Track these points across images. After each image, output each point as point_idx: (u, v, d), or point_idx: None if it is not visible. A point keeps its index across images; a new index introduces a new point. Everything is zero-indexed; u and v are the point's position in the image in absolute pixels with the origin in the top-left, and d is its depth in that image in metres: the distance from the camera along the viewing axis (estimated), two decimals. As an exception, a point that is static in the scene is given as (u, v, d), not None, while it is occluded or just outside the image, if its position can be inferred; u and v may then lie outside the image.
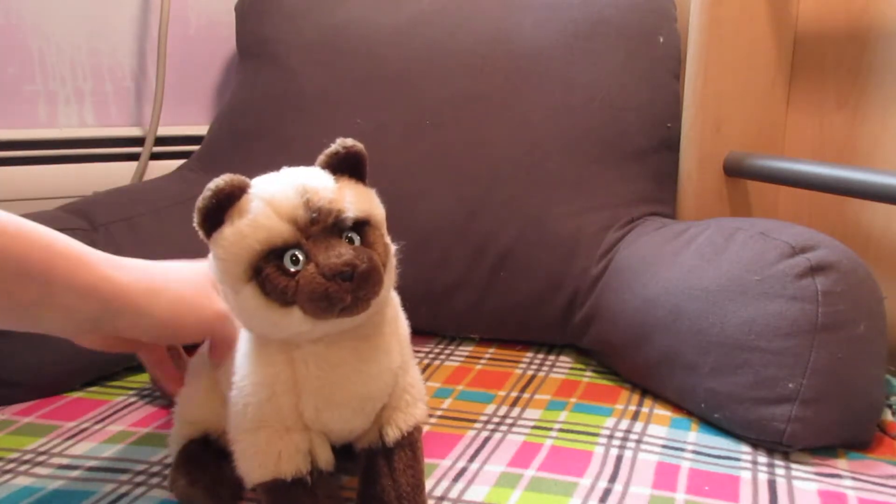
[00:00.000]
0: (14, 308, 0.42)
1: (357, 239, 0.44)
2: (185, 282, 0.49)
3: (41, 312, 0.43)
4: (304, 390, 0.46)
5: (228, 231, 0.43)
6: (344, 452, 0.51)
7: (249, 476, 0.47)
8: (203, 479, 0.51)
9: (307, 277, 0.41)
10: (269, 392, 0.46)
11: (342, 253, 0.41)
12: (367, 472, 0.49)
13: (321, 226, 0.42)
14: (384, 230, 0.46)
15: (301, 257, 0.42)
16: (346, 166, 0.46)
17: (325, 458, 0.48)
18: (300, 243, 0.42)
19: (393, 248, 0.47)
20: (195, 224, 0.45)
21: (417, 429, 0.51)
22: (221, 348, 0.51)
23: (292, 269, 0.42)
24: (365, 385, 0.47)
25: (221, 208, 0.43)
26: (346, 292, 0.41)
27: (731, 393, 0.61)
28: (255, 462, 0.46)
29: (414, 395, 0.51)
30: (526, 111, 0.84)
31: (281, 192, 0.43)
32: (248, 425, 0.47)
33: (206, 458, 0.53)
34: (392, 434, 0.49)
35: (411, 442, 0.50)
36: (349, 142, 0.45)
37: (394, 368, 0.48)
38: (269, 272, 0.42)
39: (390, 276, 0.46)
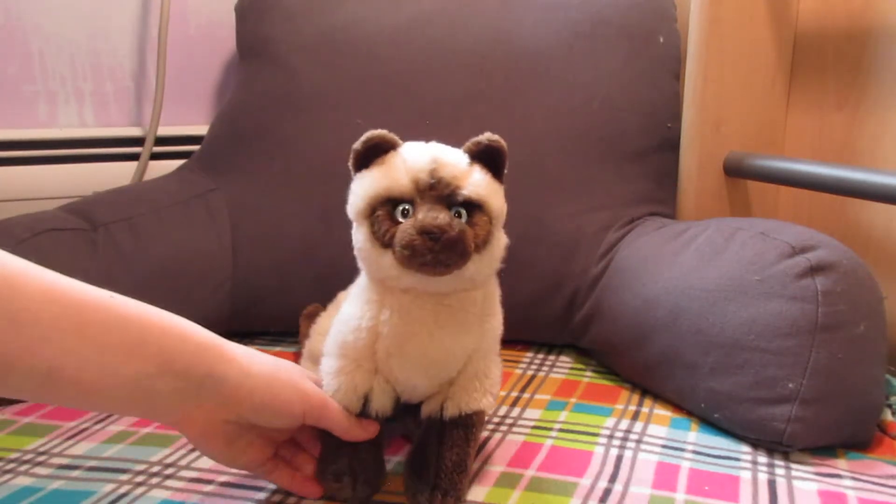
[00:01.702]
0: (135, 382, 0.43)
1: (464, 215, 0.48)
2: (284, 365, 0.51)
3: (155, 383, 0.43)
4: (382, 333, 0.51)
5: (367, 173, 0.50)
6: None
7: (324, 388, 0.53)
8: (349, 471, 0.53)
9: (404, 227, 0.47)
10: (356, 324, 0.52)
11: (439, 217, 0.46)
12: (421, 439, 0.54)
13: (437, 192, 0.48)
14: (496, 221, 0.50)
15: (410, 212, 0.48)
16: (486, 157, 0.51)
17: (379, 405, 0.53)
18: (414, 200, 0.48)
19: (502, 242, 0.52)
20: (349, 163, 0.51)
21: (478, 416, 0.54)
22: (323, 420, 0.51)
23: (399, 219, 0.48)
24: (434, 348, 0.51)
25: (368, 155, 0.50)
26: (429, 250, 0.45)
27: (731, 393, 0.61)
28: (324, 382, 0.53)
29: (485, 385, 0.54)
30: (526, 111, 0.84)
31: (417, 157, 0.49)
32: (331, 350, 0.53)
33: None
34: (450, 410, 0.53)
35: (467, 425, 0.53)
36: (494, 136, 0.51)
37: (467, 347, 0.53)
38: (380, 214, 0.48)
39: (486, 263, 0.50)
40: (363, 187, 0.50)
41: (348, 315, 0.53)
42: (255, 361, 0.48)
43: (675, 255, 0.70)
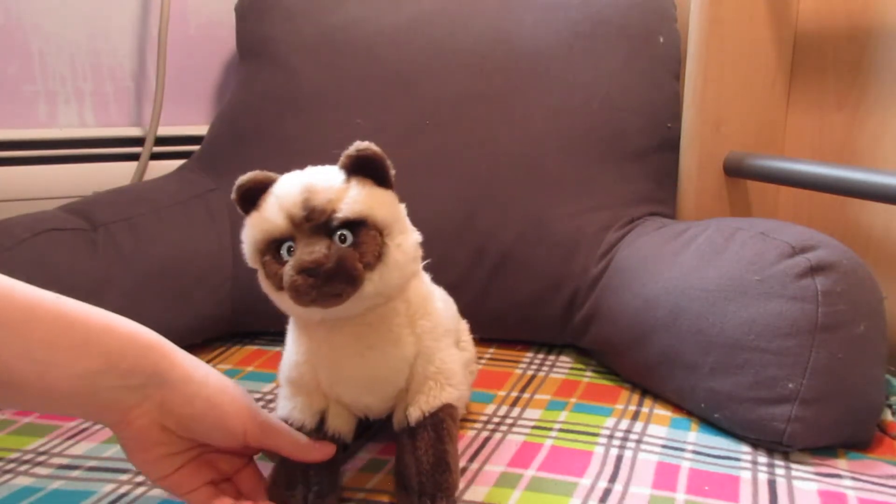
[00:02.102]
0: (74, 380, 0.43)
1: (349, 237, 0.47)
2: (227, 378, 0.50)
3: (100, 380, 0.43)
4: (318, 365, 0.52)
5: (248, 220, 0.50)
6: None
7: (277, 414, 0.54)
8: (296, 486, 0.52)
9: (287, 269, 0.46)
10: (294, 360, 0.53)
11: (314, 251, 0.45)
12: (398, 449, 0.54)
13: (313, 223, 0.47)
14: (388, 230, 0.48)
15: (294, 248, 0.47)
16: (362, 168, 0.49)
17: (336, 426, 0.54)
18: (294, 236, 0.47)
19: (408, 244, 0.50)
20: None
21: (444, 410, 0.53)
22: (266, 439, 0.51)
23: (285, 259, 0.47)
24: (367, 368, 0.52)
25: (246, 200, 0.50)
26: (311, 287, 0.45)
27: (731, 393, 0.61)
28: (280, 405, 0.54)
29: (441, 381, 0.54)
30: (526, 111, 0.84)
31: (288, 190, 0.48)
32: (283, 380, 0.55)
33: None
34: (413, 414, 0.53)
35: (435, 423, 0.52)
36: (363, 145, 0.48)
37: (404, 357, 0.52)
38: (266, 259, 0.48)
39: (387, 276, 0.48)
40: (247, 234, 0.50)
41: (287, 352, 0.54)
42: (201, 370, 0.48)
43: (675, 255, 0.70)
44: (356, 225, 0.47)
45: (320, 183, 0.48)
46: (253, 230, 0.49)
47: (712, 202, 0.87)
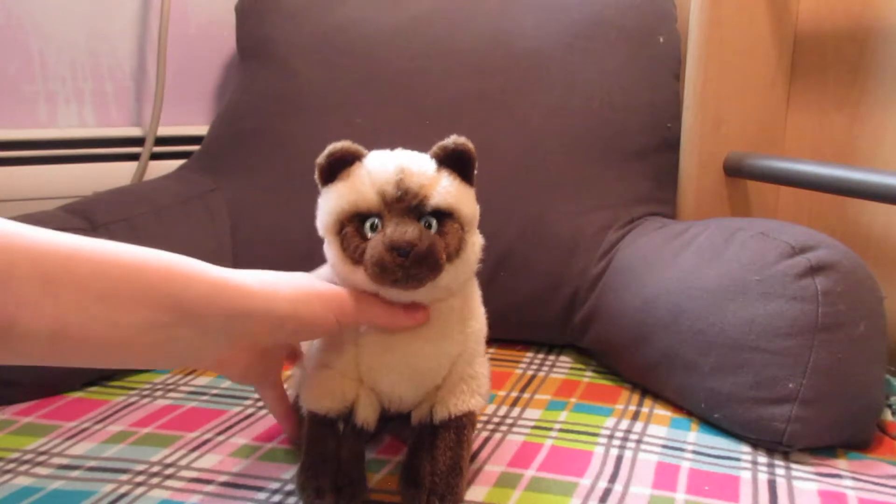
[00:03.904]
0: (149, 332, 0.40)
1: (434, 225, 0.48)
2: (298, 277, 0.49)
3: (173, 331, 0.41)
4: (363, 345, 0.52)
5: (333, 187, 0.49)
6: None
7: (304, 403, 0.53)
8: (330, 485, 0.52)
9: (373, 244, 0.46)
10: (339, 338, 0.52)
11: (407, 231, 0.45)
12: (413, 445, 0.53)
13: (404, 204, 0.47)
14: (468, 227, 0.50)
15: (379, 225, 0.47)
16: (453, 161, 0.50)
17: (365, 416, 0.53)
18: (382, 214, 0.47)
19: (477, 245, 0.51)
20: (315, 177, 0.50)
21: (469, 418, 0.53)
22: (362, 318, 0.50)
23: (368, 234, 0.47)
24: (415, 358, 0.52)
25: (333, 168, 0.49)
26: (399, 267, 0.45)
27: (731, 393, 0.61)
28: (308, 393, 0.53)
29: (472, 387, 0.54)
30: (526, 111, 0.84)
31: (382, 167, 0.48)
32: (316, 362, 0.53)
33: (332, 454, 0.52)
34: (440, 413, 0.53)
35: (458, 427, 0.53)
36: (460, 139, 0.49)
37: (450, 354, 0.53)
38: (348, 231, 0.48)
39: (460, 270, 0.50)
40: (329, 203, 0.49)
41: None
42: (275, 291, 0.45)
43: (675, 255, 0.70)
44: (443, 215, 0.48)
45: (414, 166, 0.48)
46: (340, 200, 0.48)
47: (712, 202, 0.87)
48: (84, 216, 0.79)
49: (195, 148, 0.99)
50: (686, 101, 0.85)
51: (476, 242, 0.51)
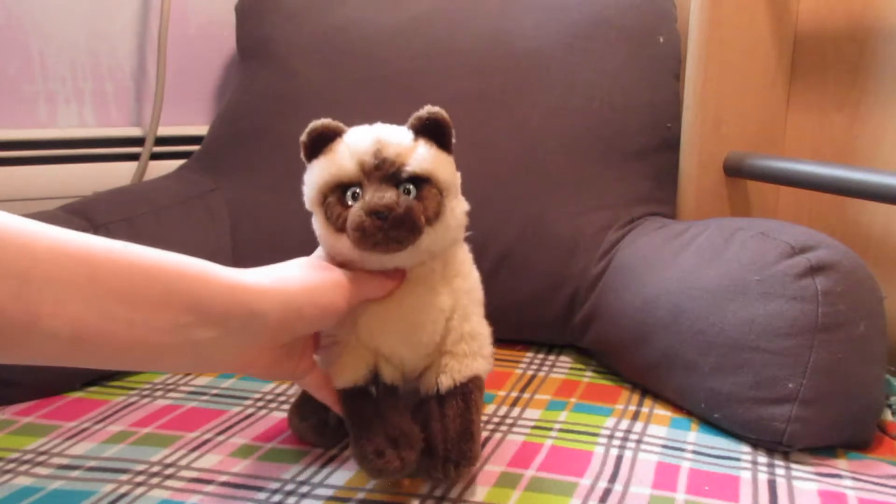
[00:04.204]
0: (170, 334, 0.40)
1: (413, 191, 0.50)
2: (299, 264, 0.51)
3: (196, 333, 0.41)
4: (358, 314, 0.53)
5: (315, 162, 0.52)
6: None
7: (333, 383, 0.54)
8: (311, 418, 0.58)
9: (353, 210, 0.48)
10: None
11: (385, 196, 0.47)
12: (424, 417, 0.55)
13: (382, 172, 0.49)
14: (447, 191, 0.51)
15: (359, 194, 0.49)
16: (430, 130, 0.52)
17: (389, 373, 0.55)
18: (361, 183, 0.49)
19: (459, 210, 0.53)
20: (301, 155, 0.53)
21: (474, 381, 0.55)
22: (358, 291, 0.51)
23: (350, 203, 0.49)
24: (405, 314, 0.53)
25: (315, 145, 0.52)
26: (378, 229, 0.47)
27: (731, 393, 0.61)
28: (332, 371, 0.54)
29: (473, 347, 0.55)
30: (526, 111, 0.84)
31: (360, 140, 0.51)
32: (323, 342, 0.55)
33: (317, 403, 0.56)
34: (445, 382, 0.54)
35: (464, 392, 0.54)
36: (434, 109, 0.52)
37: (442, 308, 0.54)
38: (331, 200, 0.50)
39: (441, 234, 0.51)
40: (313, 177, 0.52)
41: None
42: (289, 281, 0.47)
43: (675, 255, 0.70)
44: (421, 181, 0.50)
45: (391, 137, 0.51)
46: (322, 172, 0.51)
47: (712, 202, 0.87)
48: (84, 216, 0.79)
49: (195, 148, 0.99)
50: (686, 101, 0.85)
51: (457, 207, 0.53)
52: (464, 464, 0.51)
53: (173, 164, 0.99)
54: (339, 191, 0.50)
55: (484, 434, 0.63)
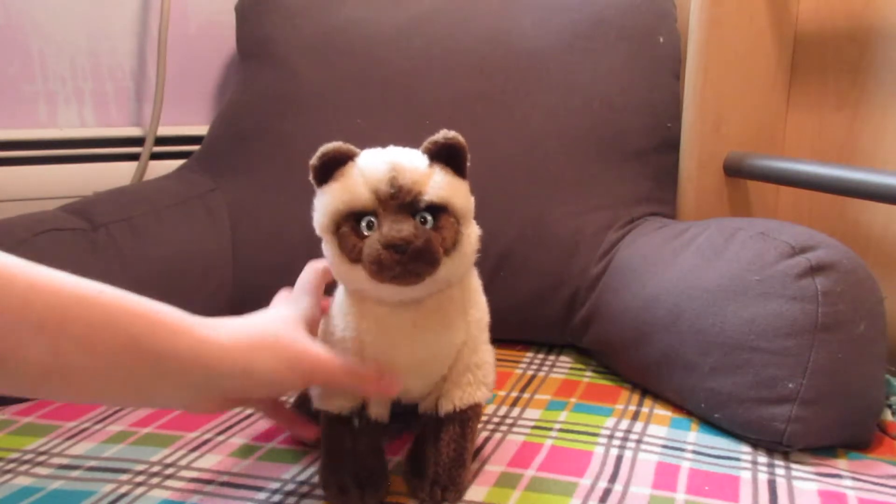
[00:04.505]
0: (129, 382, 0.42)
1: (430, 220, 0.48)
2: (281, 330, 0.49)
3: (154, 384, 0.42)
4: (368, 343, 0.52)
5: (327, 188, 0.49)
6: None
7: (316, 403, 0.54)
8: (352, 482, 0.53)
9: (370, 242, 0.47)
10: (340, 336, 0.52)
11: (403, 228, 0.46)
12: (418, 436, 0.55)
13: (398, 201, 0.47)
14: (463, 219, 0.50)
15: (375, 223, 0.47)
16: (445, 155, 0.50)
17: (377, 410, 0.54)
18: (377, 212, 0.47)
19: (473, 236, 0.51)
20: (310, 177, 0.50)
21: (473, 410, 0.54)
22: (326, 382, 0.52)
23: (365, 233, 0.48)
24: (418, 351, 0.52)
25: (327, 169, 0.49)
26: (396, 263, 0.45)
27: (731, 393, 0.61)
28: (315, 391, 0.54)
29: (478, 376, 0.55)
30: (526, 111, 0.84)
31: (375, 166, 0.48)
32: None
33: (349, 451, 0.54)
34: (445, 406, 0.54)
35: (462, 420, 0.53)
36: (451, 134, 0.49)
37: (454, 343, 0.53)
38: (345, 230, 0.48)
39: (458, 263, 0.50)
40: (325, 203, 0.49)
41: (332, 324, 0.54)
42: (255, 348, 0.46)
43: (675, 255, 0.70)
44: (438, 209, 0.48)
45: (406, 163, 0.48)
46: (335, 200, 0.48)
47: (712, 202, 0.87)
48: (84, 216, 0.79)
49: (195, 148, 0.99)
50: (686, 101, 0.85)
51: (472, 234, 0.51)
52: (451, 489, 0.52)
53: (173, 164, 0.99)
54: (353, 219, 0.48)
55: (484, 434, 0.63)
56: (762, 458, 0.59)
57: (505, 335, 0.83)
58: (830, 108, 0.87)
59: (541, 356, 0.81)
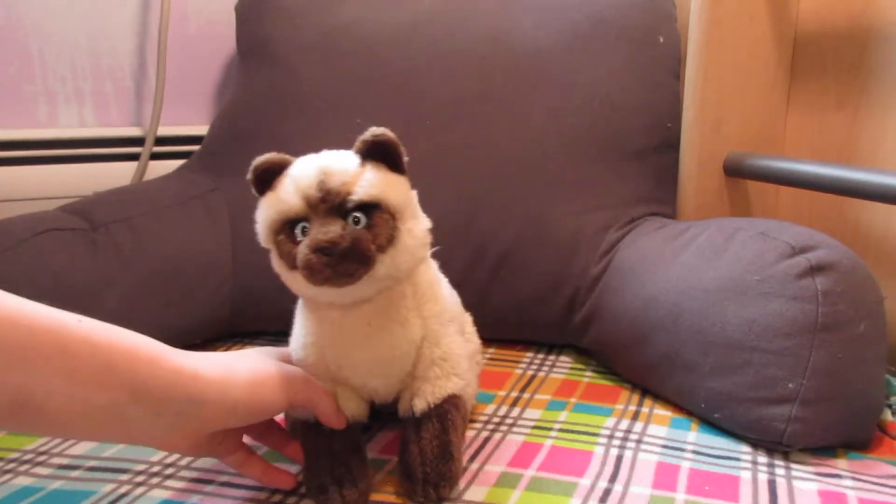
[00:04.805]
0: (107, 410, 0.41)
1: (363, 220, 0.48)
2: (255, 359, 0.50)
3: (129, 411, 0.42)
4: (327, 346, 0.53)
5: (263, 200, 0.51)
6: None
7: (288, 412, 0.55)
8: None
9: (300, 248, 0.47)
10: (301, 342, 0.54)
11: (329, 231, 0.46)
12: (403, 437, 0.55)
13: (328, 204, 0.48)
14: (400, 214, 0.50)
15: (308, 229, 0.48)
16: (377, 153, 0.50)
17: (348, 409, 0.55)
18: (309, 217, 0.48)
19: (419, 229, 0.51)
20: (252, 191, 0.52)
21: (450, 401, 0.54)
22: (307, 403, 0.52)
23: (298, 239, 0.48)
24: (375, 350, 0.53)
25: (262, 180, 0.51)
26: (325, 265, 0.46)
27: (731, 393, 0.61)
28: None
29: (446, 368, 0.55)
30: (526, 111, 0.84)
31: (304, 172, 0.49)
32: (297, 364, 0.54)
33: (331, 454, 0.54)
34: (419, 405, 0.54)
35: (440, 414, 0.54)
36: (379, 130, 0.50)
37: (411, 339, 0.53)
38: (281, 238, 0.49)
39: (398, 259, 0.50)
40: (261, 215, 0.51)
41: (295, 334, 0.55)
42: (232, 378, 0.47)
43: (675, 255, 0.70)
44: (370, 208, 0.48)
45: (336, 165, 0.49)
46: (268, 210, 0.50)
47: (712, 202, 0.87)
48: (84, 216, 0.79)
49: (195, 148, 0.99)
50: (686, 101, 0.85)
51: (414, 228, 0.51)
52: (443, 485, 0.51)
53: (173, 164, 0.99)
54: (287, 227, 0.49)
55: (484, 434, 0.63)
56: (762, 458, 0.59)
57: (505, 335, 0.83)
58: (830, 108, 0.87)
59: (541, 356, 0.81)
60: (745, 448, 0.61)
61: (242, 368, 0.48)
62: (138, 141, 1.02)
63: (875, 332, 0.61)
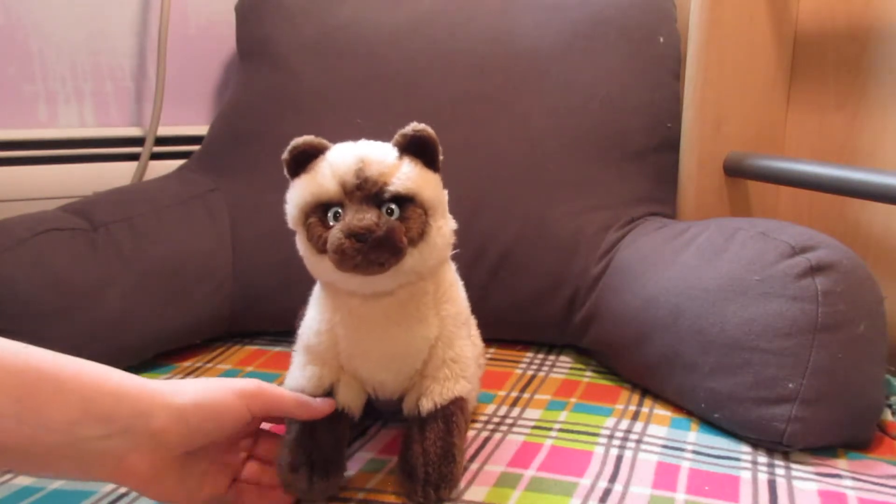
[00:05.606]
0: (59, 431, 0.41)
1: (396, 211, 0.48)
2: (206, 380, 0.50)
3: (84, 430, 0.42)
4: (341, 335, 0.53)
5: (297, 181, 0.51)
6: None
7: (286, 384, 0.55)
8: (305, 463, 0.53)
9: (333, 231, 0.47)
10: (316, 328, 0.54)
11: (365, 217, 0.46)
12: (405, 438, 0.55)
13: (364, 192, 0.48)
14: (432, 211, 0.50)
15: (341, 215, 0.48)
16: (415, 148, 0.51)
17: (345, 400, 0.54)
18: (343, 203, 0.48)
19: (446, 229, 0.52)
20: (284, 172, 0.52)
21: (456, 403, 0.54)
22: (270, 403, 0.50)
23: (331, 223, 0.49)
24: (390, 344, 0.53)
25: (298, 162, 0.51)
26: (358, 252, 0.46)
27: (731, 393, 0.61)
28: (290, 375, 0.55)
29: (455, 371, 0.55)
30: (526, 111, 0.84)
31: (343, 158, 0.49)
32: (298, 349, 0.56)
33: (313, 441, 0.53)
34: (426, 405, 0.54)
35: (445, 415, 0.53)
36: (420, 126, 0.50)
37: (427, 337, 0.54)
38: (312, 221, 0.50)
39: (426, 254, 0.50)
40: (294, 196, 0.51)
41: (309, 319, 0.55)
42: (178, 388, 0.46)
43: (675, 255, 0.70)
44: (404, 201, 0.49)
45: (374, 155, 0.49)
46: (303, 192, 0.50)
47: (712, 202, 0.87)
48: (84, 216, 0.79)
49: (195, 148, 0.99)
50: (686, 101, 0.85)
51: (443, 227, 0.52)
52: (444, 486, 0.51)
53: (173, 164, 0.99)
54: (320, 211, 0.49)
55: (484, 434, 0.63)
56: (762, 458, 0.59)
57: (505, 335, 0.83)
58: (830, 108, 0.88)
59: (541, 356, 0.81)
60: (745, 448, 0.61)
61: (189, 382, 0.48)
62: (138, 141, 1.02)
63: (875, 332, 0.61)
